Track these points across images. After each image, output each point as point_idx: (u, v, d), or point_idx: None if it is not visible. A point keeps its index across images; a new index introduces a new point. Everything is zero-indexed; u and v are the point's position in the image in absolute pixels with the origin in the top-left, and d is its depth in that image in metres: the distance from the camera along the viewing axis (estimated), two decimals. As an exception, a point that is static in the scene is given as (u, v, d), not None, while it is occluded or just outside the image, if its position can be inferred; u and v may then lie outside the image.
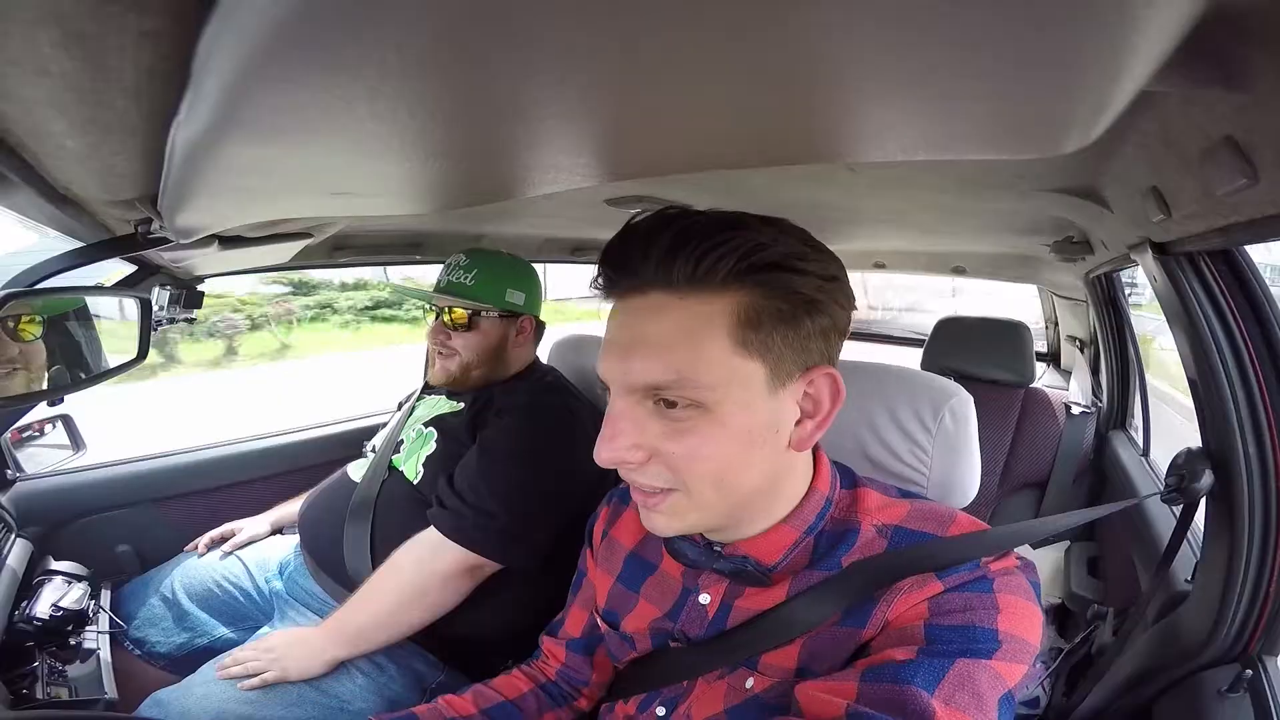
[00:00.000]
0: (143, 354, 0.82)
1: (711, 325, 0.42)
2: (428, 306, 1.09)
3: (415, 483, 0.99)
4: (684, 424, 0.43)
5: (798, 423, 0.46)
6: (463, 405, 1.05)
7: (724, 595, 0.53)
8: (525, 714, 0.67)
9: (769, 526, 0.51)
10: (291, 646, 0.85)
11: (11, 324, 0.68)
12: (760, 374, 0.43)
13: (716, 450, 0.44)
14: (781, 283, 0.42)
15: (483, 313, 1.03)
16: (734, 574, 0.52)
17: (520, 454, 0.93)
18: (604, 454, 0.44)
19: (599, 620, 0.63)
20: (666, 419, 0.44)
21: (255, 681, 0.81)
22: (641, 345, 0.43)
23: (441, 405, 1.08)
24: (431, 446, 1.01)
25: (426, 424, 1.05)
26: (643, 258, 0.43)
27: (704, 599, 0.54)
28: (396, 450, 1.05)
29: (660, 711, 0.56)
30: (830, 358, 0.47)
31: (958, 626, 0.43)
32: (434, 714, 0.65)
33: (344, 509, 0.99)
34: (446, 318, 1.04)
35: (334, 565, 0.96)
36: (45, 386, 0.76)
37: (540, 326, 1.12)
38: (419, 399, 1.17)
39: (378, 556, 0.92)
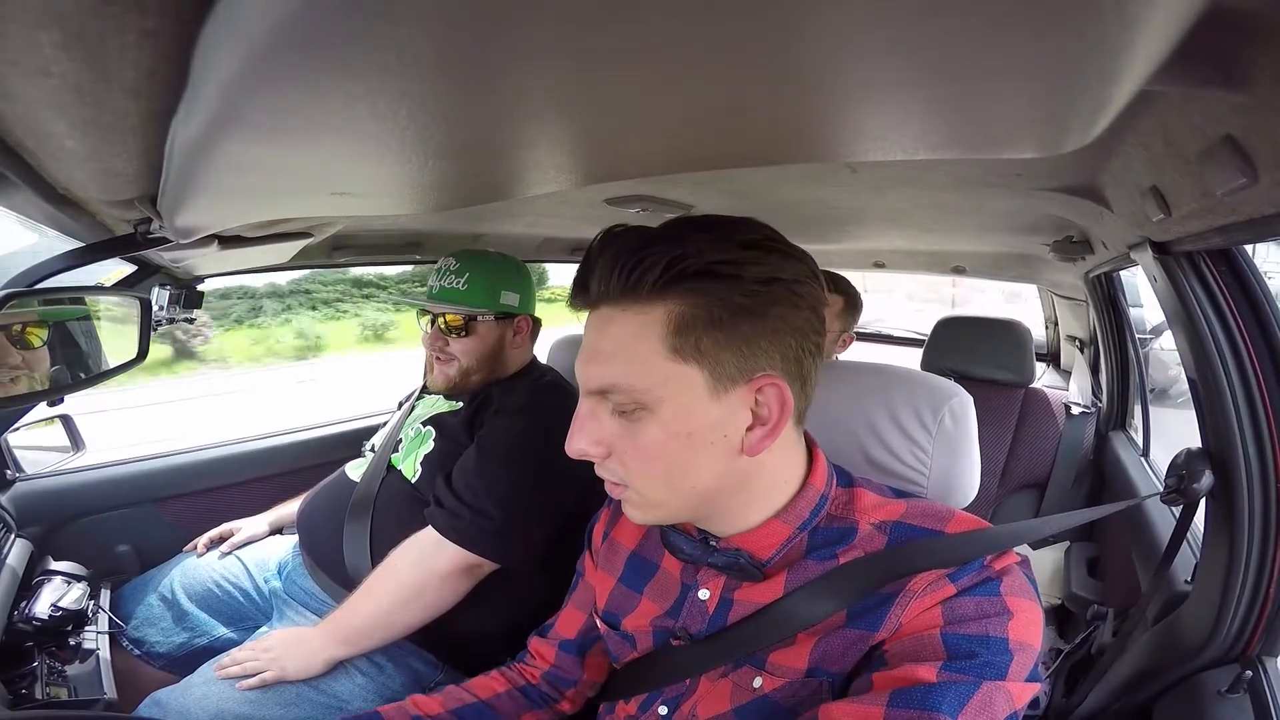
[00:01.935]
0: (142, 354, 0.82)
1: (646, 333, 0.45)
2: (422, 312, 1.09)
3: (414, 482, 0.99)
4: (634, 425, 0.47)
5: (749, 429, 0.47)
6: (461, 404, 1.05)
7: (722, 590, 0.53)
8: (500, 714, 0.67)
9: (761, 521, 0.51)
10: (290, 646, 0.85)
11: (16, 328, 0.68)
12: (698, 378, 0.45)
13: (660, 450, 0.47)
14: (706, 290, 0.44)
15: (478, 317, 1.03)
16: (727, 568, 0.52)
17: (518, 454, 0.93)
18: (571, 445, 0.49)
19: (598, 621, 0.63)
20: (621, 418, 0.48)
21: (254, 681, 0.81)
22: (591, 354, 0.48)
23: (440, 404, 1.08)
24: (430, 446, 1.01)
25: (425, 423, 1.05)
26: (592, 276, 0.47)
27: (703, 594, 0.54)
28: (395, 449, 1.05)
29: (662, 711, 0.56)
30: (793, 359, 0.47)
31: (974, 636, 0.43)
32: (401, 713, 0.65)
33: (343, 508, 0.99)
34: (442, 324, 1.03)
35: (333, 565, 0.96)
36: (46, 387, 0.76)
37: (537, 325, 1.12)
38: (418, 398, 1.17)
39: (376, 556, 0.92)
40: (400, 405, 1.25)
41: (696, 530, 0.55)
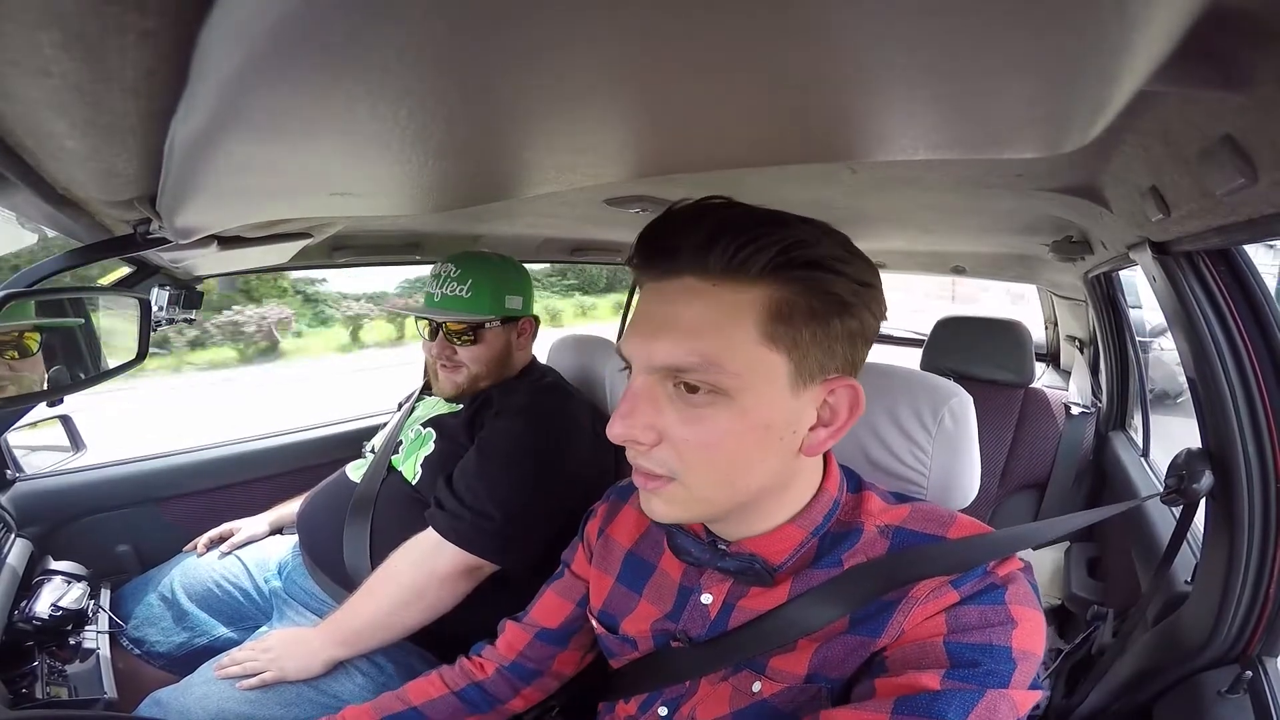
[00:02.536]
0: (142, 354, 0.82)
1: (741, 314, 0.42)
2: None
3: (414, 483, 0.99)
4: (701, 410, 0.43)
5: (812, 428, 0.46)
6: (461, 406, 1.05)
7: (726, 595, 0.53)
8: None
9: (776, 525, 0.51)
10: (289, 646, 0.85)
11: (14, 332, 0.68)
12: (784, 369, 0.43)
13: (730, 441, 0.44)
14: (816, 281, 0.43)
15: (486, 324, 1.02)
16: (739, 573, 0.52)
17: (518, 455, 0.93)
18: (617, 429, 0.44)
19: (595, 622, 0.63)
20: (685, 403, 0.44)
21: (254, 681, 0.81)
22: (669, 327, 0.43)
23: (440, 406, 1.08)
24: (430, 447, 1.01)
25: (425, 424, 1.05)
26: (681, 242, 0.43)
27: (706, 599, 0.54)
28: (395, 451, 1.05)
29: (662, 712, 0.56)
30: (855, 365, 0.46)
31: (977, 645, 0.43)
32: None
33: (343, 509, 0.99)
34: (446, 331, 1.03)
35: (332, 565, 0.96)
36: (45, 387, 0.76)
37: (537, 324, 1.12)
38: (418, 399, 1.16)
39: (376, 557, 0.92)
40: (400, 406, 1.24)
41: (705, 532, 0.54)
